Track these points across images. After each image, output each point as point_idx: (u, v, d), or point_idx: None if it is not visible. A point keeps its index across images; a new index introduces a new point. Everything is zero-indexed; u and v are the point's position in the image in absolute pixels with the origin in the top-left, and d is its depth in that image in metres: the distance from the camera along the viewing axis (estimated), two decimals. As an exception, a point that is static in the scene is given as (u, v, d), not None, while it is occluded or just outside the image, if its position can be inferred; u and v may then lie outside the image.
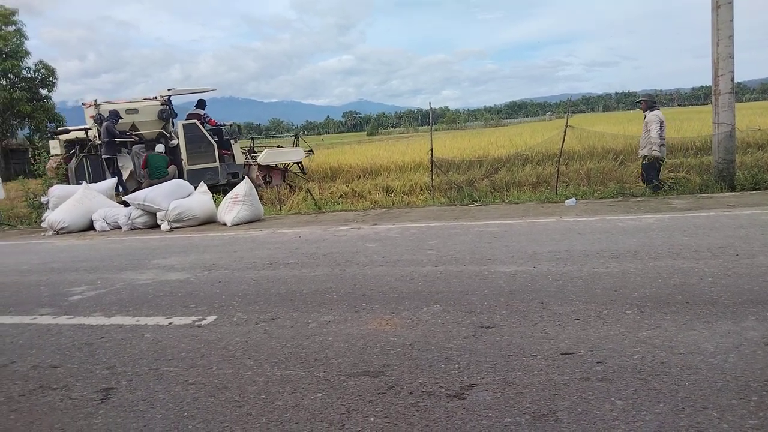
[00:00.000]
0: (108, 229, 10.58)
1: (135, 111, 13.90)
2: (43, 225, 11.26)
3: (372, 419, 2.67)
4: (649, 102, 10.05)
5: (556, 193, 10.04)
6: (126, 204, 10.66)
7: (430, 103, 14.36)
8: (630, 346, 3.25)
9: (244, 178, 14.23)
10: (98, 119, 13.26)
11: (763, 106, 47.22)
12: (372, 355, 3.43)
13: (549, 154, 15.12)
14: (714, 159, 9.80)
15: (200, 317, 4.45)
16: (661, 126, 9.66)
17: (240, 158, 15.38)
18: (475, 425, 2.55)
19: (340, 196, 13.80)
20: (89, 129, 13.83)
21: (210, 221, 10.33)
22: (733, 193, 8.90)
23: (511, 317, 3.88)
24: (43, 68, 41.63)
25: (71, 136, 14.06)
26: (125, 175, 13.64)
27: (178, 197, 10.25)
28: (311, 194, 12.76)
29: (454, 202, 10.56)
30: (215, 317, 4.42)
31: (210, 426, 2.74)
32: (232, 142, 15.41)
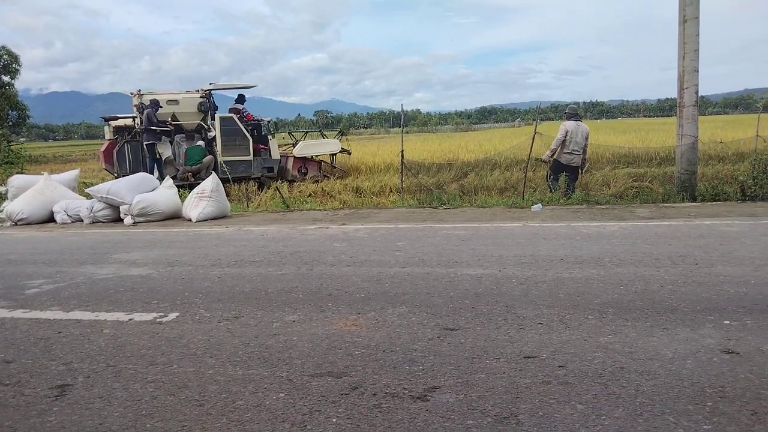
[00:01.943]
0: (69, 221, 10.31)
1: (176, 102, 14.63)
2: (1, 215, 10.92)
3: (334, 420, 2.65)
4: (569, 114, 10.64)
5: (523, 199, 10.15)
6: None
7: (402, 105, 14.46)
8: (591, 351, 3.30)
9: (269, 171, 15.02)
10: (140, 108, 14.09)
11: (724, 119, 48.63)
12: (336, 355, 3.41)
13: (517, 159, 15.29)
14: (677, 170, 10.03)
15: (162, 314, 4.37)
16: (566, 135, 10.23)
17: (276, 153, 15.62)
18: (437, 427, 2.55)
19: (309, 195, 13.71)
20: (136, 117, 14.59)
21: (175, 216, 10.15)
22: (694, 204, 9.13)
23: (475, 320, 3.90)
24: (6, 54, 40.48)
25: (120, 123, 14.81)
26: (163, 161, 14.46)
27: (142, 191, 10.06)
28: (279, 192, 12.65)
29: (423, 205, 10.59)
30: (177, 314, 4.34)
31: (168, 425, 2.69)
32: (270, 137, 15.70)
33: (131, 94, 14.78)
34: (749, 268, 4.89)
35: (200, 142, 14.48)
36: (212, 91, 15.10)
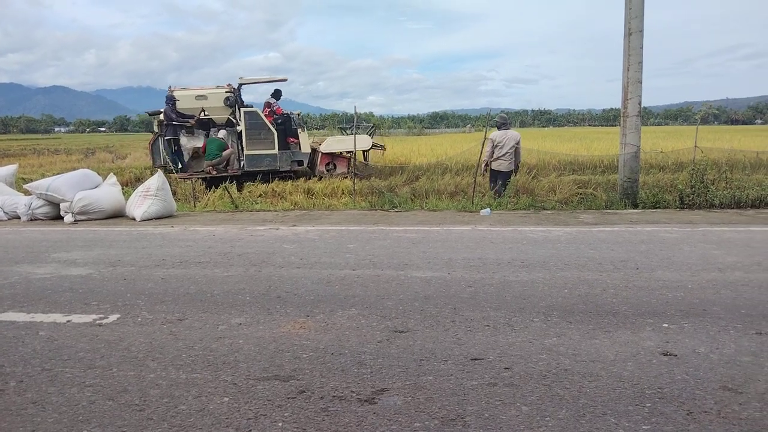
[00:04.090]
0: (5, 218, 9.86)
1: (204, 97, 15.16)
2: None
3: (280, 424, 2.61)
4: (499, 122, 11.01)
5: (473, 203, 10.28)
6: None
7: (355, 107, 14.47)
8: (536, 353, 3.35)
9: (301, 165, 15.41)
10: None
11: (665, 130, 50.58)
12: (284, 358, 3.36)
13: (467, 165, 15.47)
14: (620, 177, 10.35)
15: (102, 316, 4.22)
16: (494, 145, 10.65)
17: (306, 147, 15.76)
18: (384, 430, 2.54)
19: (259, 196, 13.50)
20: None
21: (118, 215, 9.84)
22: (636, 211, 9.44)
23: (424, 322, 3.92)
24: (-62, 42, 38.49)
25: (162, 117, 15.19)
26: (188, 154, 15.00)
27: (84, 188, 9.70)
28: (228, 192, 12.42)
29: (374, 207, 10.60)
30: (118, 316, 4.20)
31: (106, 430, 2.59)
32: (300, 131, 15.83)
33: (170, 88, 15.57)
34: (687, 274, 5.08)
35: (221, 133, 14.77)
36: (242, 86, 15.48)
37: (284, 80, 16.29)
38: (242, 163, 14.92)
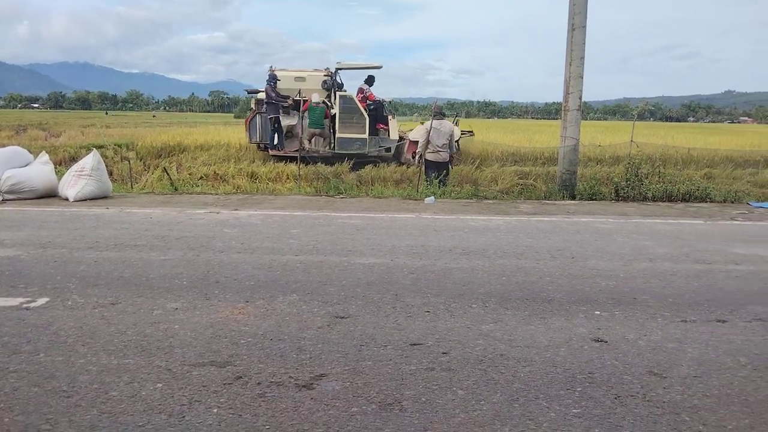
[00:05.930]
0: (-76, 196, 9.27)
1: (302, 79, 15.72)
2: None
3: (215, 410, 2.57)
4: (435, 112, 11.12)
5: (417, 191, 10.35)
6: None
7: (300, 90, 14.41)
8: (473, 338, 3.42)
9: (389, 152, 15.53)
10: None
11: (603, 125, 52.19)
12: (221, 344, 3.30)
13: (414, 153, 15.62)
14: (559, 169, 10.62)
15: (29, 299, 4.03)
16: (429, 134, 10.72)
17: (395, 134, 15.86)
18: (321, 415, 2.54)
19: (200, 178, 13.18)
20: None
21: (50, 195, 9.41)
22: (574, 202, 9.72)
23: (366, 308, 3.93)
24: None
25: (260, 96, 15.79)
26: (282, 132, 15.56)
27: (14, 166, 9.22)
28: (167, 173, 12.06)
29: (319, 193, 10.52)
30: (47, 299, 4.03)
31: (31, 418, 2.49)
32: (390, 117, 15.99)
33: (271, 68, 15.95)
34: (619, 263, 5.28)
35: (315, 96, 14.83)
36: (339, 70, 15.91)
37: (380, 67, 16.68)
38: (333, 145, 15.31)
